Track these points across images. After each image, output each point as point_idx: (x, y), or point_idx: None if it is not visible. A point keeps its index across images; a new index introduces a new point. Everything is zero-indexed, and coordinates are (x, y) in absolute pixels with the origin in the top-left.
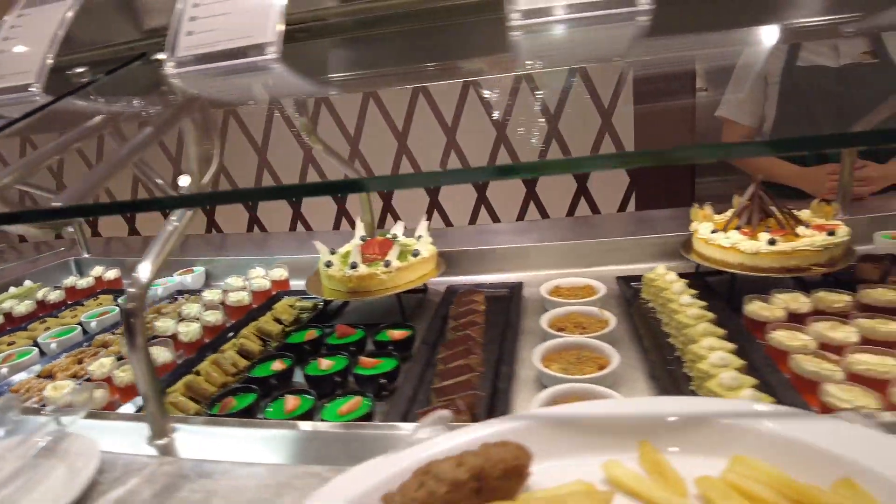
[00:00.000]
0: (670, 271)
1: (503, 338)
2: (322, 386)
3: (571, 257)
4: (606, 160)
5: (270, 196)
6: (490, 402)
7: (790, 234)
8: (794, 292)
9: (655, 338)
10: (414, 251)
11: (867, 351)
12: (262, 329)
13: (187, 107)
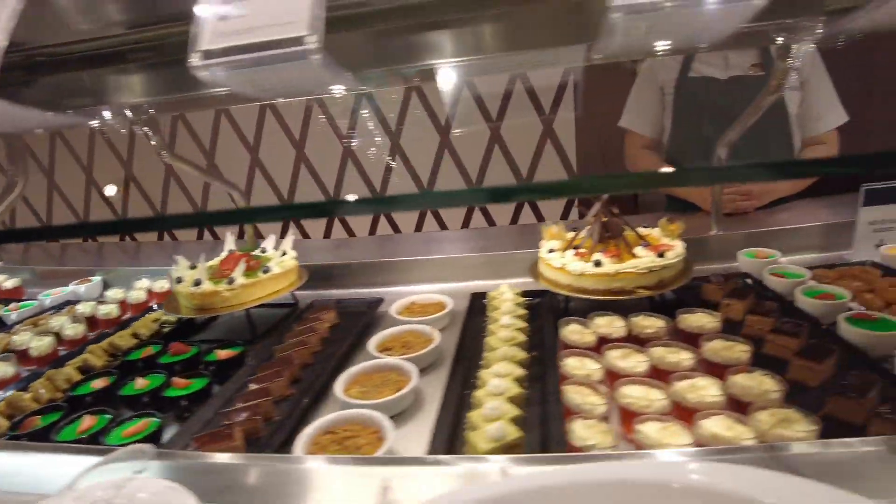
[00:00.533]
0: (512, 289)
1: (330, 358)
2: (132, 406)
3: (454, 269)
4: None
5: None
6: (276, 428)
7: (628, 255)
8: (612, 316)
9: (471, 360)
10: (264, 268)
11: (642, 383)
12: (113, 344)
13: None
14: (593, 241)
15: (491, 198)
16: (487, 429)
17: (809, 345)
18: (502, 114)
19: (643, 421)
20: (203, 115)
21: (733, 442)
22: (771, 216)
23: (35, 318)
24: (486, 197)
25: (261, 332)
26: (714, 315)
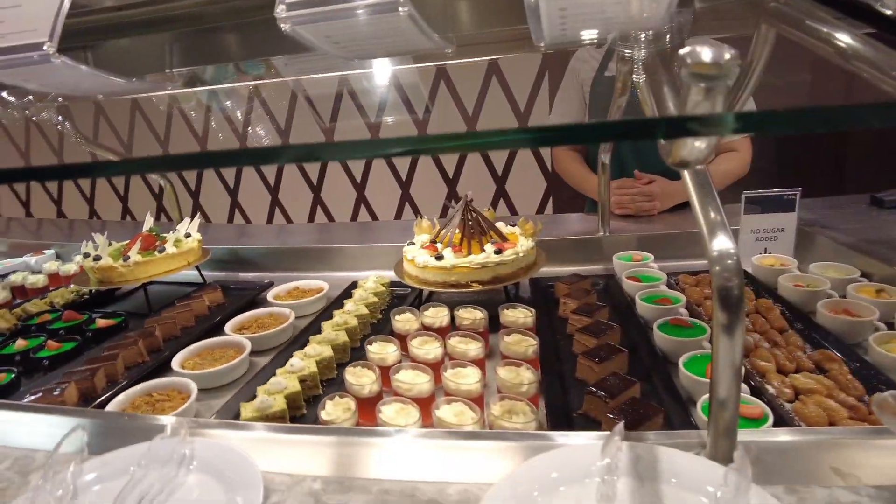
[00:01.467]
0: (380, 280)
1: (193, 333)
2: (5, 362)
3: (360, 259)
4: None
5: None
6: (111, 388)
7: (478, 252)
8: (440, 307)
9: (305, 341)
10: (160, 248)
11: (416, 368)
12: (26, 310)
13: None
14: (450, 236)
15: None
16: (257, 399)
17: (601, 346)
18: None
19: (386, 403)
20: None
21: (454, 426)
22: (665, 220)
23: None
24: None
25: (157, 307)
26: (529, 311)
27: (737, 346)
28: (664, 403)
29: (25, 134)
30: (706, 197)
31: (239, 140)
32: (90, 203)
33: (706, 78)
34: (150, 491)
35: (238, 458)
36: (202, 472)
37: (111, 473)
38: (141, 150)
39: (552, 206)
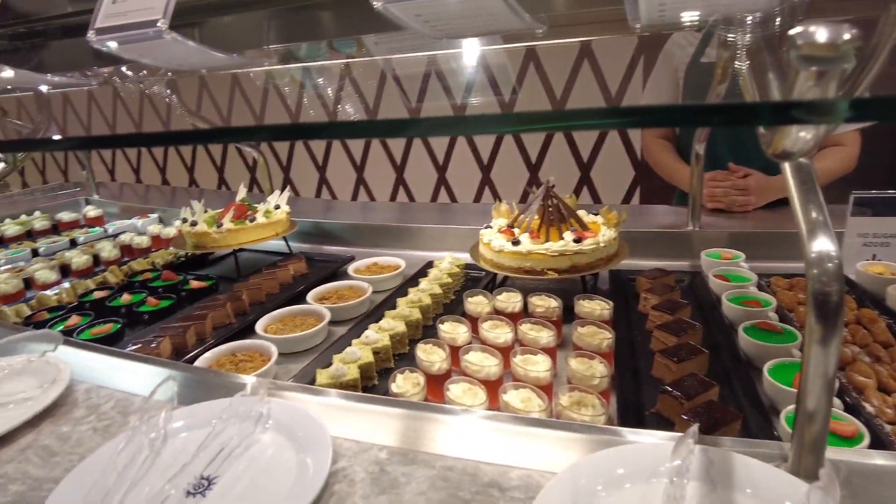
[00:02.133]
0: (455, 261)
1: (277, 300)
2: (113, 313)
3: (438, 239)
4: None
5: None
6: (200, 345)
7: (557, 239)
8: (513, 292)
9: (380, 315)
10: (251, 217)
11: (485, 351)
12: (131, 267)
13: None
14: (528, 222)
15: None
16: (332, 367)
17: (681, 345)
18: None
19: (455, 382)
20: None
21: (520, 412)
22: (760, 217)
23: (93, 241)
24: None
25: (245, 273)
26: (607, 304)
27: (831, 356)
28: (744, 410)
29: (139, 106)
30: (808, 193)
31: (329, 116)
32: (190, 172)
33: (819, 60)
34: (230, 443)
35: (310, 421)
36: (276, 432)
37: (196, 423)
38: (239, 122)
39: (639, 197)
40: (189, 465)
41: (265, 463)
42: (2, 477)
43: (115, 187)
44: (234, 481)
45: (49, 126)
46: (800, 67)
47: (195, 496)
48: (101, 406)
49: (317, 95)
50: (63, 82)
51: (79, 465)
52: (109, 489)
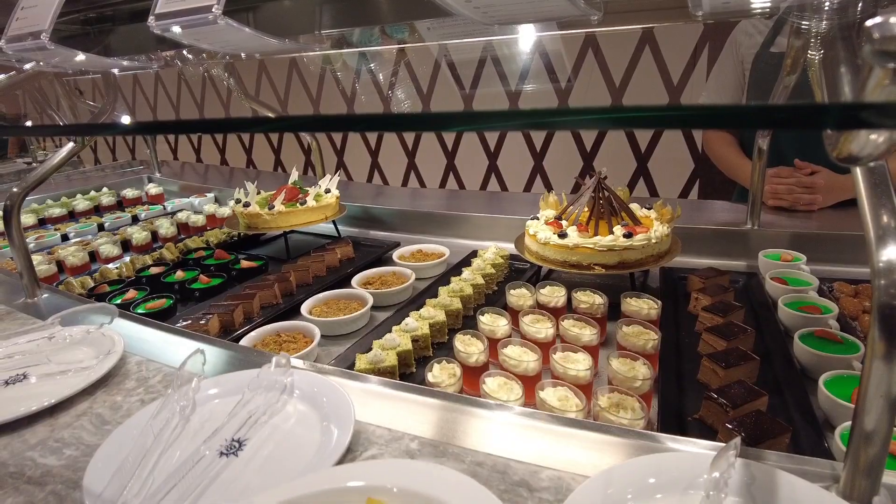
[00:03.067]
0: (499, 251)
1: (323, 283)
2: (166, 289)
3: (484, 228)
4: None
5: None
6: (247, 324)
7: (606, 233)
8: (557, 286)
9: (422, 302)
10: (301, 200)
11: (524, 345)
12: (186, 245)
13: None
14: (577, 214)
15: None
16: (371, 352)
17: (730, 349)
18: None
19: (491, 375)
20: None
21: (556, 411)
22: (826, 217)
23: (153, 218)
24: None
25: (294, 255)
26: (655, 303)
27: (894, 376)
28: (794, 423)
29: (202, 88)
30: (880, 196)
31: (382, 102)
32: (248, 153)
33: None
34: (257, 411)
35: (332, 390)
36: (301, 401)
37: (225, 392)
38: (295, 107)
39: (697, 191)
40: (221, 429)
41: (291, 427)
42: (58, 441)
43: (176, 166)
44: (263, 443)
45: (115, 109)
46: (875, 63)
47: (228, 456)
48: (150, 379)
49: (370, 81)
50: (130, 65)
51: (117, 429)
52: (148, 449)
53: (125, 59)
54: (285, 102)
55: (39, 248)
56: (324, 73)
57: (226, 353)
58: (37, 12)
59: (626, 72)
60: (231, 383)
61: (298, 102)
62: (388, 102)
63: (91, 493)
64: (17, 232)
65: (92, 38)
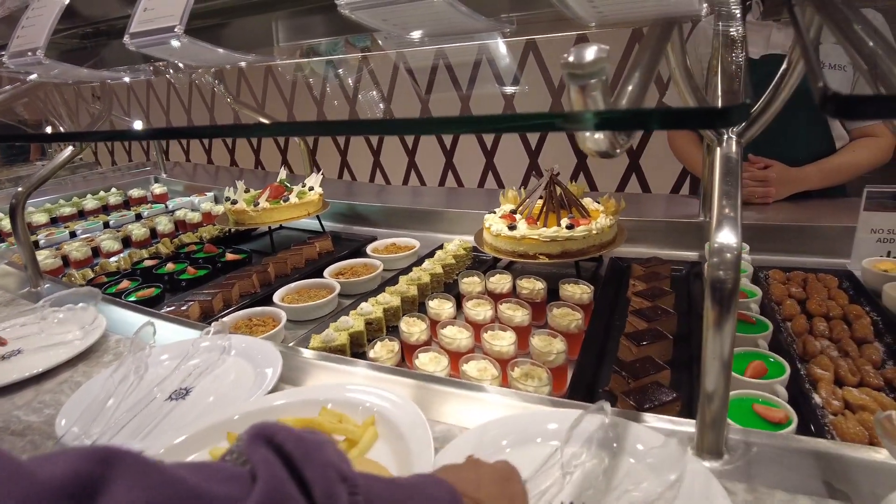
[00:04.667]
0: (463, 244)
1: (299, 273)
2: (156, 280)
3: (460, 223)
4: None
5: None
6: (226, 310)
7: (554, 225)
8: (504, 274)
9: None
10: (285, 197)
11: (462, 326)
12: (181, 240)
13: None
14: (530, 208)
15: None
16: (324, 332)
17: (647, 330)
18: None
19: (424, 351)
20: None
21: (473, 380)
22: (780, 209)
23: (154, 215)
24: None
25: (279, 248)
26: (588, 288)
27: (726, 339)
28: (693, 394)
29: (188, 94)
30: (727, 185)
31: (349, 103)
32: (231, 154)
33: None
34: (200, 365)
35: (265, 347)
36: (238, 357)
37: (174, 356)
38: (272, 109)
39: (688, 187)
40: (168, 378)
41: (229, 376)
42: (40, 403)
43: (189, 167)
44: (206, 390)
45: (110, 115)
46: (568, 82)
47: (175, 401)
48: (124, 353)
49: (338, 87)
50: (119, 76)
51: (82, 386)
52: (109, 396)
53: (119, 70)
54: (263, 105)
55: (49, 244)
56: (295, 81)
57: (180, 328)
58: (34, 31)
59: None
60: (178, 349)
61: (275, 104)
62: (353, 105)
63: (62, 428)
64: (22, 228)
65: (89, 50)
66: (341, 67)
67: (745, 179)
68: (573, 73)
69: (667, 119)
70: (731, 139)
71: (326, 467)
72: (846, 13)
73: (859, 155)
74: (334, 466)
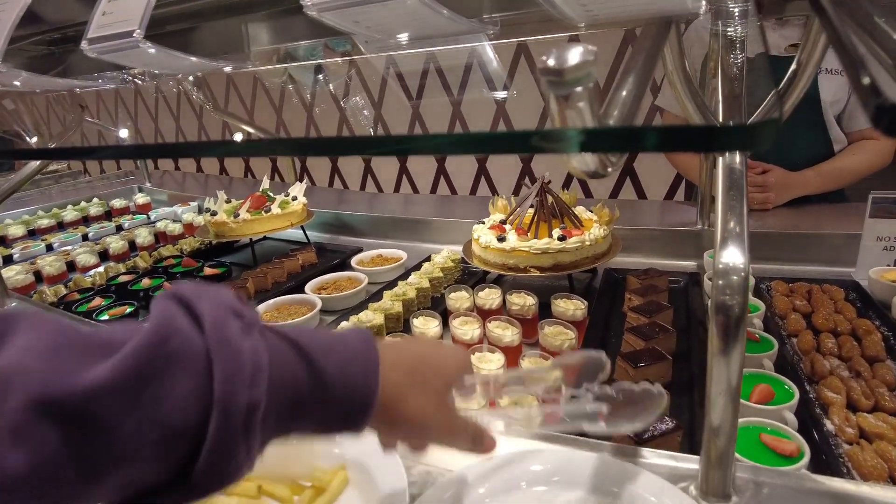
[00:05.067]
0: (452, 255)
1: (281, 288)
2: (132, 297)
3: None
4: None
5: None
6: None
7: (546, 236)
8: (494, 289)
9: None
10: (266, 208)
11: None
12: (161, 253)
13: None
14: (520, 218)
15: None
16: None
17: (646, 350)
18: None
19: None
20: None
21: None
22: (780, 215)
23: (135, 227)
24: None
25: (262, 261)
26: (582, 304)
27: (733, 370)
28: (695, 420)
29: (177, 101)
30: (731, 199)
31: (339, 110)
32: (246, 162)
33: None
34: None
35: None
36: None
37: None
38: (259, 118)
39: (683, 192)
40: None
41: None
42: None
43: (178, 176)
44: None
45: (80, 126)
46: (547, 92)
47: None
48: None
49: (324, 93)
50: (86, 84)
51: None
52: None
53: (88, 78)
54: (251, 113)
55: (23, 259)
56: (284, 87)
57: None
58: None
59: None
60: None
61: (264, 113)
62: (343, 111)
63: None
64: None
65: (56, 57)
66: (322, 73)
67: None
68: (553, 81)
69: (672, 140)
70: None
71: (218, 305)
72: (866, 6)
73: (859, 158)
74: (227, 305)
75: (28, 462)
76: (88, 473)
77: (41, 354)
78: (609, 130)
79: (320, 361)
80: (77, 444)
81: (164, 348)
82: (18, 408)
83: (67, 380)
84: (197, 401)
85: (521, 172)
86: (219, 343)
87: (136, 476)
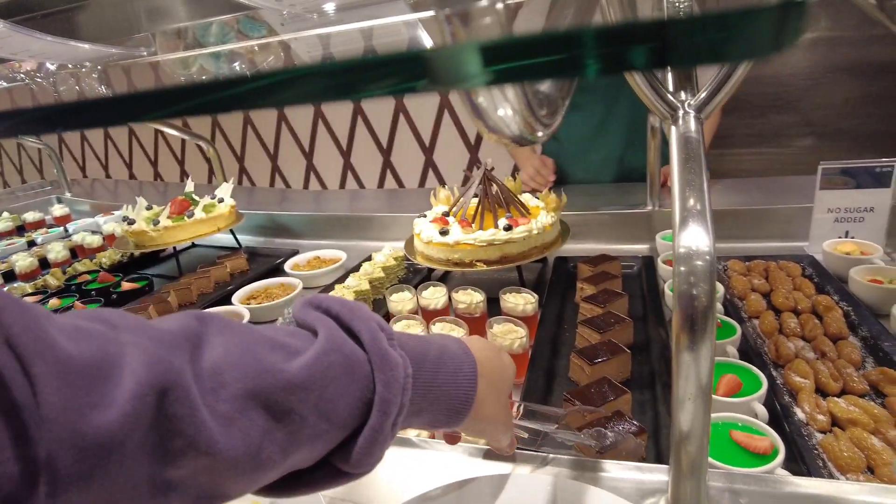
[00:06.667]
0: (394, 253)
1: (206, 300)
2: None
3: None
4: None
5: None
6: None
7: (491, 227)
8: (439, 287)
9: None
10: (189, 213)
11: None
12: (75, 269)
13: None
14: (464, 209)
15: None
16: None
17: (602, 343)
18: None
19: None
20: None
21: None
22: (726, 195)
23: (49, 241)
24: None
25: (188, 271)
26: (532, 298)
27: (702, 368)
28: (658, 420)
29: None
30: (689, 173)
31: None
32: (154, 166)
33: None
34: None
35: None
36: None
37: None
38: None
39: None
40: None
41: None
42: None
43: (109, 183)
44: None
45: None
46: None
47: None
48: None
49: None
50: None
51: None
52: None
53: None
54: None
55: None
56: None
57: None
58: None
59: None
60: None
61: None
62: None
63: None
64: None
65: None
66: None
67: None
68: None
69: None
70: (688, 115)
71: (369, 320)
72: None
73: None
74: (374, 319)
75: (243, 443)
76: (281, 456)
77: (244, 351)
78: (526, 39)
79: (436, 370)
80: (274, 430)
81: (338, 356)
82: (235, 396)
83: (273, 374)
84: (360, 402)
85: (469, 163)
86: (377, 354)
87: (297, 460)
